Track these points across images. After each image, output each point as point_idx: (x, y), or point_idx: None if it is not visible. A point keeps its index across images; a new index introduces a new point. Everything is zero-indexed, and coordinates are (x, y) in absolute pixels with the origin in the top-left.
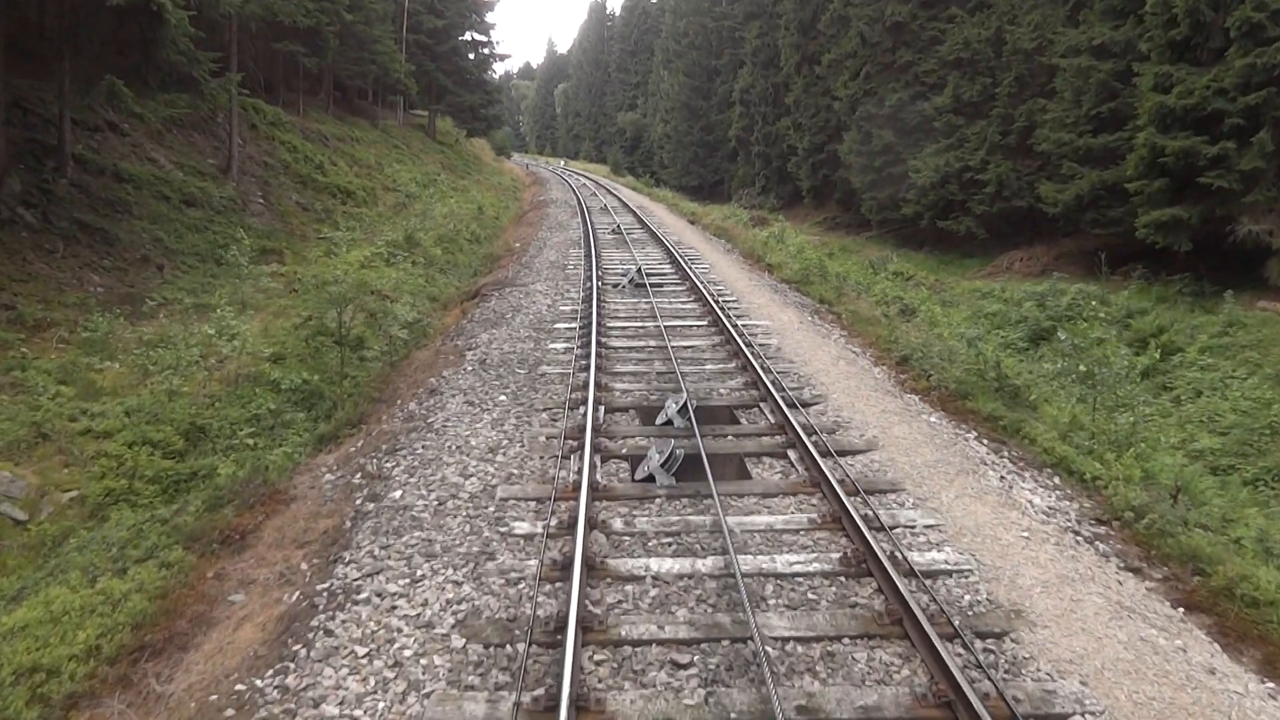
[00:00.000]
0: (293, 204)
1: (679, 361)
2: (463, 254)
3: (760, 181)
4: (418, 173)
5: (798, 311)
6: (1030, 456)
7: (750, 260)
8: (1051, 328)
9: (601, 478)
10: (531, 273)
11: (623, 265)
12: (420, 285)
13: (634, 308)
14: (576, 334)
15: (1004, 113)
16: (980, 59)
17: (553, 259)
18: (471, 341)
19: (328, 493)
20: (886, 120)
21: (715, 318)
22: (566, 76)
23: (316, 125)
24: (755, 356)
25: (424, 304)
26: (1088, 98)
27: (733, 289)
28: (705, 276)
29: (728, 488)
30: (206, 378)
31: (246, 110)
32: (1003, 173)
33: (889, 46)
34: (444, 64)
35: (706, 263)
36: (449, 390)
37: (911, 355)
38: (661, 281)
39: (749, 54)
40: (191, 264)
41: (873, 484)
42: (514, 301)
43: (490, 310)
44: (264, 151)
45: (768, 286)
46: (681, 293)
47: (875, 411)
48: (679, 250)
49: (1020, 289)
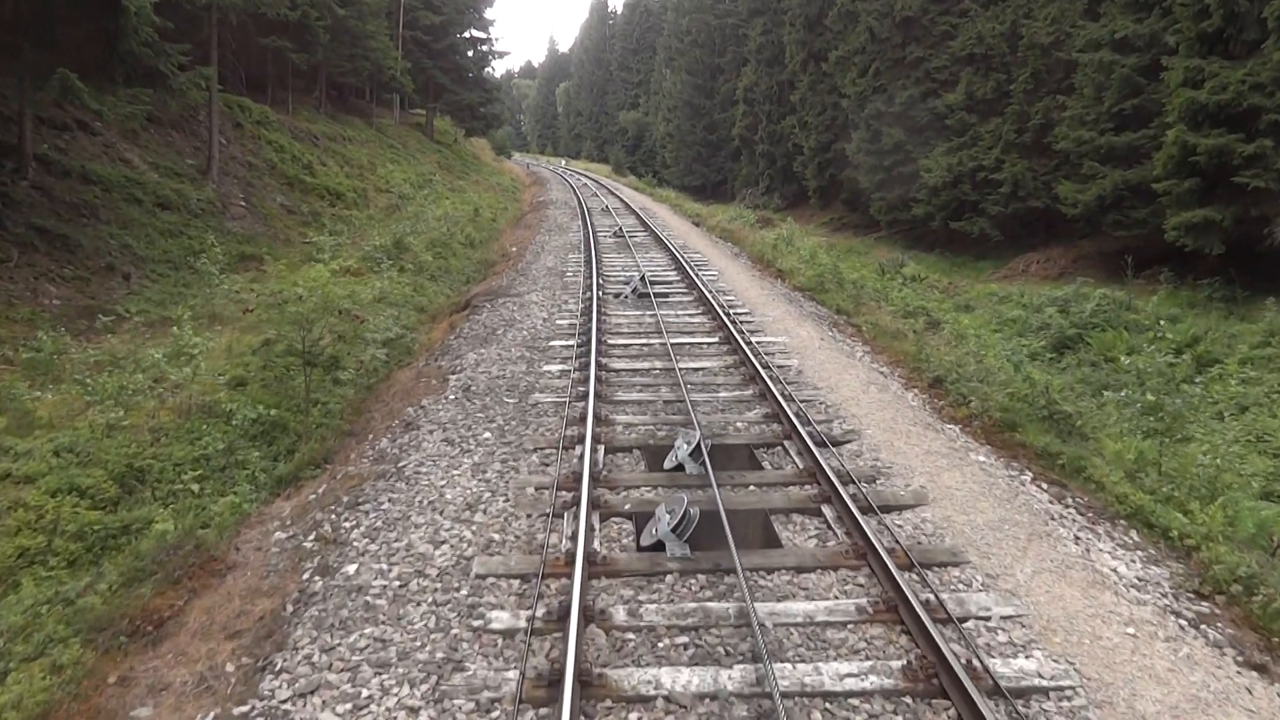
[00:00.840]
0: (277, 206)
1: (689, 387)
2: (456, 259)
3: (764, 181)
4: (412, 173)
5: (815, 325)
6: (1099, 505)
7: (760, 265)
8: (1077, 335)
9: (601, 544)
10: (528, 281)
11: (625, 272)
12: (408, 295)
13: (637, 321)
14: (574, 353)
15: (1019, 110)
16: (994, 54)
17: (551, 265)
18: (457, 363)
19: (273, 559)
20: (896, 118)
21: (727, 333)
22: (568, 75)
23: (307, 124)
24: (774, 381)
25: (410, 316)
26: (1109, 94)
27: (744, 299)
28: (713, 285)
29: (753, 558)
30: (156, 407)
31: (231, 108)
32: (1018, 172)
33: (899, 42)
34: (441, 61)
35: (714, 269)
36: (427, 424)
37: (946, 377)
38: (667, 291)
39: (753, 51)
40: (162, 272)
41: (929, 554)
42: (507, 314)
43: (481, 324)
44: (249, 151)
45: (781, 296)
46: (689, 304)
47: (918, 452)
48: (684, 255)
49: (1039, 293)
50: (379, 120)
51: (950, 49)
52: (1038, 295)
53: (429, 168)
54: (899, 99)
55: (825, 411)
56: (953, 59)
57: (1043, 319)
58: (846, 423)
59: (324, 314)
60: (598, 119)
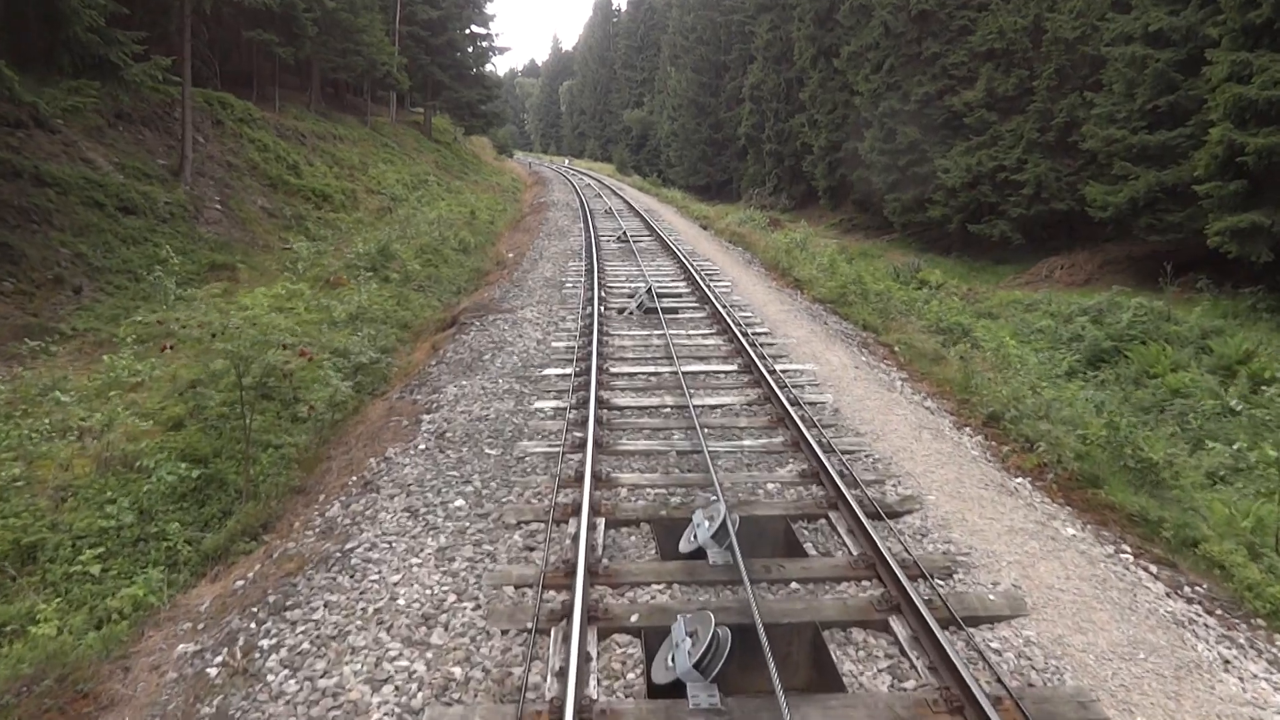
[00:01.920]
0: (257, 209)
1: (707, 433)
2: (447, 266)
3: (772, 181)
4: (407, 174)
5: (845, 347)
6: (1226, 598)
7: (775, 274)
8: (1113, 349)
9: (599, 682)
10: (523, 293)
11: (630, 282)
12: (389, 309)
13: (644, 344)
14: (571, 385)
15: (1042, 108)
16: (1016, 49)
17: (549, 275)
18: (434, 398)
19: (165, 695)
20: (911, 116)
21: (747, 359)
22: (571, 74)
23: (294, 122)
24: (808, 423)
25: (390, 335)
26: (1142, 90)
27: (762, 314)
28: (727, 298)
29: (808, 710)
30: (71, 456)
31: (211, 105)
32: (1041, 173)
33: (914, 37)
34: (440, 57)
35: (727, 279)
36: (388, 485)
37: (1002, 414)
38: (676, 305)
39: (760, 48)
40: (120, 284)
41: (1053, 708)
42: (497, 334)
43: (467, 347)
44: (228, 150)
45: (802, 311)
46: (701, 322)
47: (998, 529)
48: (693, 262)
49: (1067, 301)
50: (375, 119)
51: (969, 44)
52: (1066, 303)
53: (425, 167)
54: (914, 96)
55: (874, 468)
56: (971, 54)
57: (1074, 330)
58: (902, 484)
59: (260, 350)
60: (601, 118)
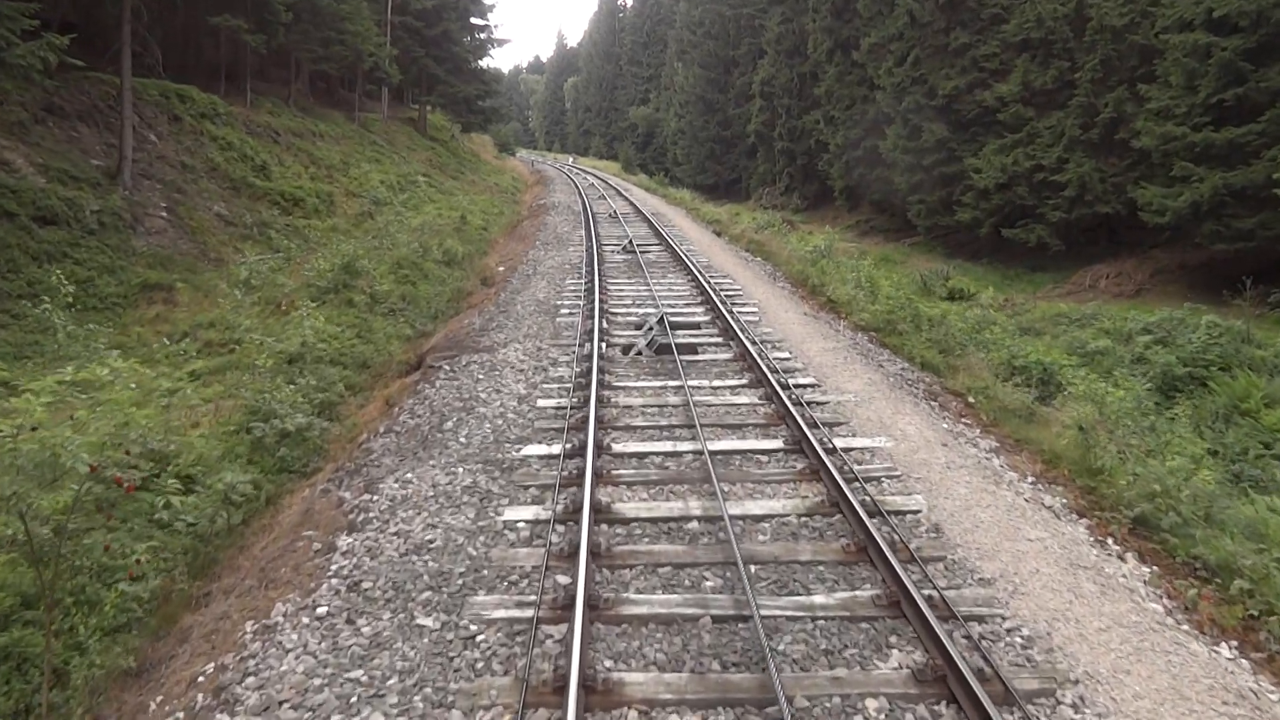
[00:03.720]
0: (211, 217)
1: (757, 579)
2: (427, 284)
3: (784, 180)
4: (394, 174)
5: (914, 404)
6: None
7: (804, 292)
8: (1187, 376)
9: None
10: (509, 321)
11: (637, 306)
12: (346, 344)
13: (658, 403)
14: (557, 479)
15: (1085, 102)
16: (1056, 39)
17: (542, 296)
18: (365, 501)
19: None
20: (938, 112)
21: (795, 431)
22: (577, 70)
23: (269, 118)
24: (907, 560)
25: (340, 382)
26: (1206, 82)
27: (800, 353)
28: (755, 329)
29: None
30: None
31: (169, 98)
32: (1085, 173)
33: (942, 27)
34: (435, 50)
35: (751, 302)
36: (250, 698)
37: (1156, 521)
38: (695, 340)
39: (771, 42)
40: (20, 311)
41: None
42: (468, 387)
43: (427, 406)
44: (184, 150)
45: (847, 346)
46: (728, 367)
47: None
48: (710, 279)
49: (1120, 316)
50: (365, 115)
51: (1002, 34)
52: (1119, 318)
53: (417, 167)
54: (942, 90)
55: (1030, 661)
56: (1004, 45)
57: (1134, 350)
58: (1082, 688)
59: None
60: (607, 115)
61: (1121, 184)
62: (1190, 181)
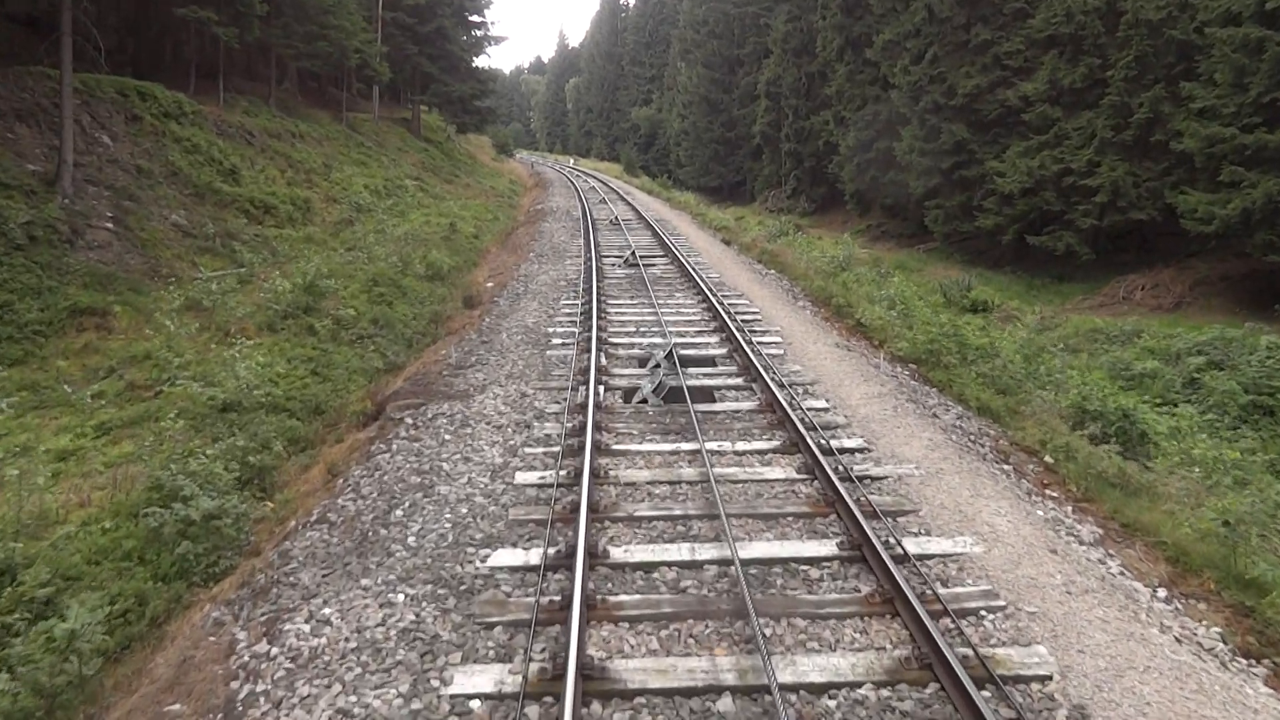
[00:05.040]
0: (167, 227)
1: None
2: (405, 303)
3: (790, 183)
4: (381, 178)
5: (992, 479)
6: None
7: (828, 312)
8: (1250, 405)
9: None
10: (491, 355)
11: (643, 334)
12: (297, 385)
13: (670, 478)
14: (533, 614)
15: (1118, 102)
16: (1086, 34)
17: (531, 322)
18: (256, 656)
19: None
20: (958, 112)
21: (854, 529)
22: (578, 71)
23: (244, 118)
24: None
25: (282, 438)
26: (1258, 80)
27: (840, 400)
28: (783, 367)
29: None
30: None
31: (127, 95)
32: (1118, 177)
33: (962, 23)
34: (429, 47)
35: (773, 327)
36: None
37: None
38: (712, 380)
39: (777, 41)
40: None
41: None
42: (430, 453)
43: (373, 487)
44: (142, 152)
45: (893, 389)
46: (755, 420)
47: None
48: (723, 299)
49: (1166, 333)
50: (355, 115)
51: (1027, 29)
52: (1166, 336)
53: (407, 170)
54: (962, 89)
55: None
56: (1029, 41)
57: (1185, 372)
58: None
59: None
60: (609, 116)
61: (1158, 189)
62: (1241, 187)
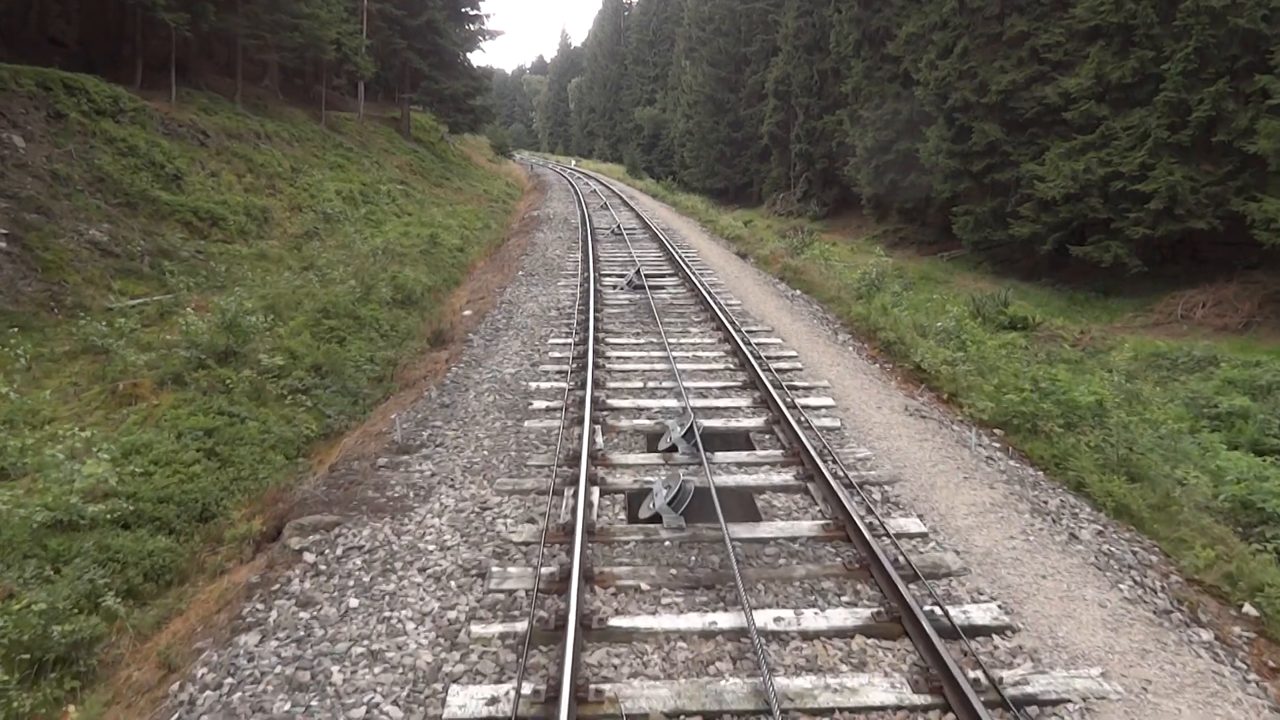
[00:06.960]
0: (82, 245)
1: None
2: (360, 339)
3: (801, 185)
4: (358, 183)
5: (1186, 641)
6: None
7: (874, 350)
8: None
9: None
10: (449, 429)
11: (651, 397)
12: (182, 476)
13: (704, 698)
14: None
15: (1175, 99)
16: (1137, 24)
17: (510, 373)
18: None
19: None
20: (990, 110)
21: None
22: (581, 71)
23: (197, 116)
24: None
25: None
26: None
27: (937, 512)
28: (845, 450)
29: None
30: None
31: (52, 89)
32: (1174, 182)
33: (995, 13)
34: (419, 42)
35: (819, 381)
36: None
37: None
38: (752, 478)
39: (787, 37)
40: None
41: None
42: (320, 631)
43: (219, 702)
44: (61, 155)
45: (1007, 494)
46: (822, 557)
47: None
48: (749, 336)
49: (1245, 359)
50: (337, 114)
51: (1068, 20)
52: (1247, 364)
53: (391, 174)
54: (995, 86)
55: None
56: (1070, 33)
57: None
58: None
59: None
60: (612, 116)
61: (1220, 195)
62: None
